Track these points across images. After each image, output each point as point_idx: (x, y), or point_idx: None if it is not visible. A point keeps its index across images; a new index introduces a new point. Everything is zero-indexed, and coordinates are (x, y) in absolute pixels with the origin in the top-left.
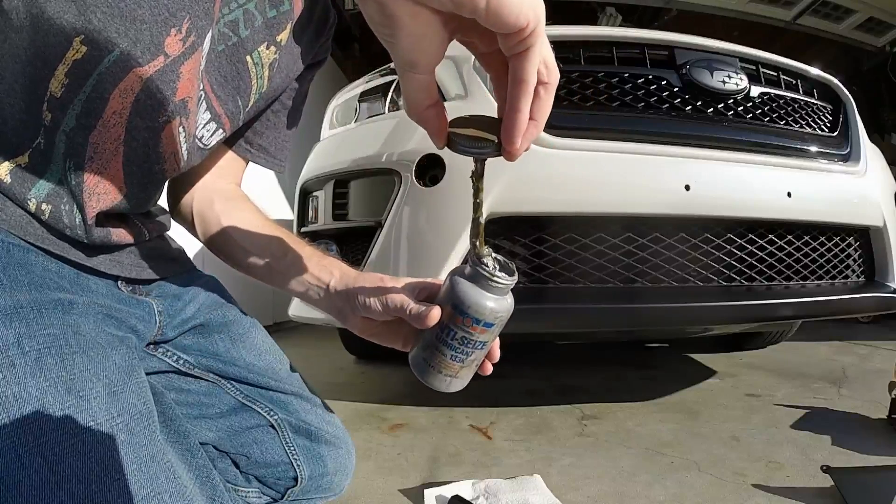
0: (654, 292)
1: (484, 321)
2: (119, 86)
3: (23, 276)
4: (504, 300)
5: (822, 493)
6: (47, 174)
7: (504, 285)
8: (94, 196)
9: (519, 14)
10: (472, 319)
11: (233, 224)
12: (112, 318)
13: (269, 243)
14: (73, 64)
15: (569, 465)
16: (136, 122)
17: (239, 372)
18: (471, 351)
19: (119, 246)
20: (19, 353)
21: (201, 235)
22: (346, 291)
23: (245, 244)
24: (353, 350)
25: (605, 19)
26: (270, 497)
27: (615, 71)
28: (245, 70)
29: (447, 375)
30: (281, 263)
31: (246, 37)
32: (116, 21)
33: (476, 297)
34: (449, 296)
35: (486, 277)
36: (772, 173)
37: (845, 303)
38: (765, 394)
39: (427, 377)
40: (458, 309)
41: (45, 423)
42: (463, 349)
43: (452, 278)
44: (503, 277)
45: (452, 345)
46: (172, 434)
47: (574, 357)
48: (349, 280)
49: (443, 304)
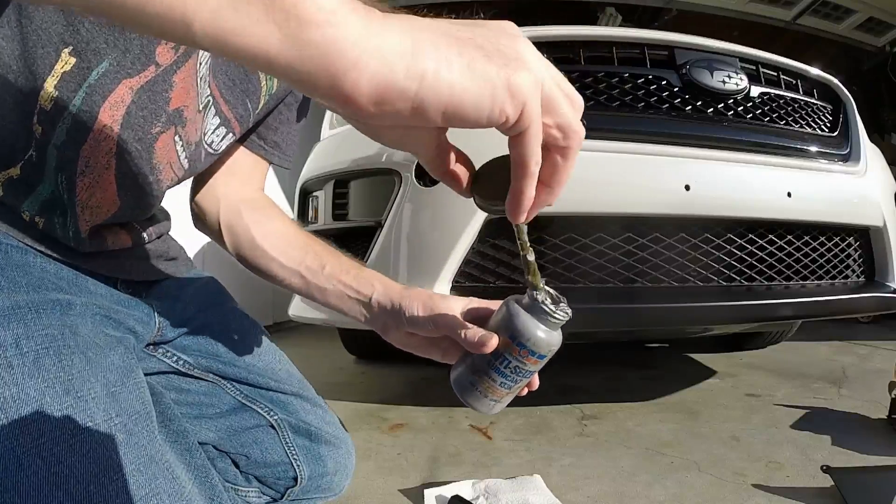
0: (654, 292)
1: (539, 353)
2: (109, 98)
3: (21, 277)
4: (558, 334)
5: (822, 493)
6: (40, 187)
7: (561, 320)
8: (87, 209)
9: (491, 111)
10: (528, 351)
11: (265, 236)
12: (110, 320)
13: (305, 256)
14: (62, 76)
15: (569, 465)
16: (128, 135)
17: (239, 372)
18: (520, 379)
19: (117, 251)
20: (17, 354)
21: (231, 248)
22: (391, 305)
23: (279, 257)
24: (353, 350)
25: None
26: (270, 497)
27: (615, 71)
28: (254, 72)
29: (492, 400)
30: (319, 277)
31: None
32: (105, 31)
33: (535, 330)
34: (506, 325)
35: (546, 313)
36: (772, 173)
37: (845, 303)
38: (765, 394)
39: (470, 399)
40: (516, 340)
41: (43, 424)
42: (513, 377)
43: (510, 307)
44: (562, 313)
45: (504, 372)
46: (171, 434)
47: (574, 357)
48: (394, 294)
49: (498, 332)
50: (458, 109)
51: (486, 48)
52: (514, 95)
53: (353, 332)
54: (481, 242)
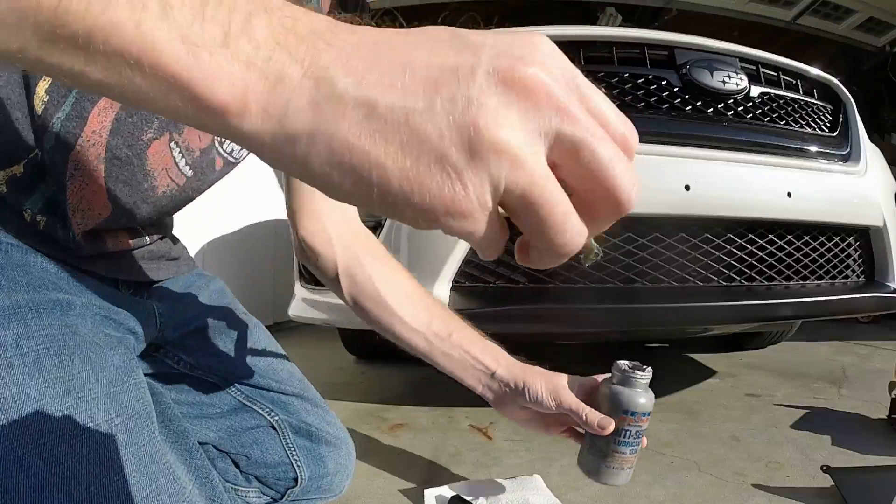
0: (654, 292)
1: (648, 412)
2: (98, 104)
3: (21, 276)
4: (650, 391)
5: (822, 493)
6: (41, 187)
7: (648, 380)
8: (78, 213)
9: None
10: (641, 415)
11: (390, 292)
12: (110, 320)
13: (432, 320)
14: (53, 80)
15: (569, 465)
16: (118, 141)
17: (239, 372)
18: (640, 439)
19: (117, 252)
20: (17, 354)
21: (349, 297)
22: (514, 384)
23: (405, 317)
24: (353, 350)
25: (605, 19)
26: (270, 497)
27: (615, 71)
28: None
29: (627, 468)
30: (445, 344)
31: None
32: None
33: (638, 399)
34: (615, 405)
35: (638, 379)
36: (772, 173)
37: (845, 303)
38: (765, 394)
39: (607, 478)
40: (629, 412)
41: (43, 425)
42: (636, 441)
43: (611, 389)
44: (648, 374)
45: (629, 442)
46: (172, 434)
47: (574, 357)
48: (517, 371)
49: (612, 414)
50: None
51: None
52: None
53: (353, 332)
54: None
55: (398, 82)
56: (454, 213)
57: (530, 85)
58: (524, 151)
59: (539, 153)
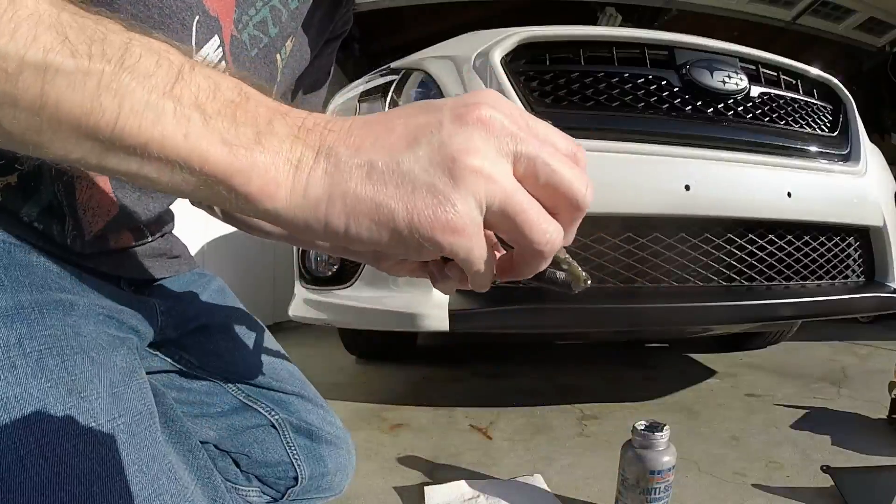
0: (654, 292)
1: (672, 467)
2: None
3: (24, 276)
4: (672, 446)
5: (822, 493)
6: (36, 196)
7: (667, 438)
8: (88, 211)
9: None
10: (666, 471)
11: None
12: (113, 319)
13: None
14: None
15: (569, 465)
16: None
17: (240, 371)
18: (669, 492)
19: (119, 249)
20: (20, 355)
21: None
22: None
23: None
24: (353, 350)
25: (605, 19)
26: (271, 496)
27: (615, 71)
28: (275, 69)
29: None
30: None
31: (275, 35)
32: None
33: (663, 458)
34: (641, 467)
35: (661, 441)
36: (772, 173)
37: (845, 303)
38: (765, 394)
39: None
40: (657, 472)
41: (46, 425)
42: (666, 494)
43: (635, 454)
44: (666, 435)
45: (660, 498)
46: (174, 434)
47: (574, 357)
48: None
49: (640, 476)
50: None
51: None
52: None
53: (353, 332)
54: None
55: (387, 144)
56: (451, 229)
57: (484, 119)
58: (494, 169)
59: (506, 170)
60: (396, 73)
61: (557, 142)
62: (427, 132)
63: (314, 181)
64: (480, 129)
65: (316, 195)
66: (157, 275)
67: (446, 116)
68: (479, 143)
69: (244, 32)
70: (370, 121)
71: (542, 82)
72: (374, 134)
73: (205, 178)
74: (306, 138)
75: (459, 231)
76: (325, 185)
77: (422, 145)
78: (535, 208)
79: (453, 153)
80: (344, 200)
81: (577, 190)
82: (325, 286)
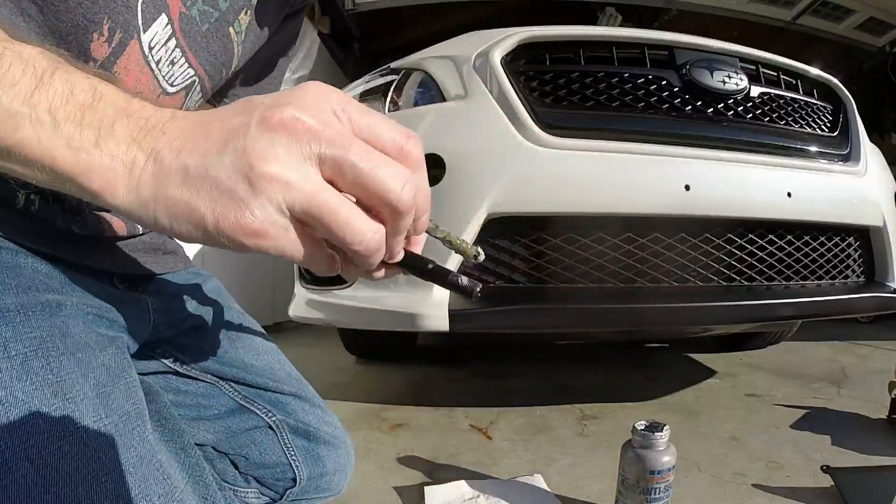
0: (654, 292)
1: (672, 466)
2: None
3: (10, 279)
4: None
5: (822, 493)
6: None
7: (667, 438)
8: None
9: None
10: (666, 471)
11: None
12: (103, 318)
13: None
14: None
15: (569, 465)
16: None
17: (237, 372)
18: (669, 492)
19: (113, 238)
20: (5, 358)
21: None
22: None
23: None
24: (353, 350)
25: (605, 19)
26: (269, 497)
27: (615, 71)
28: (230, 42)
29: None
30: None
31: (226, 9)
32: (39, 38)
33: (661, 458)
34: (640, 468)
35: (657, 440)
36: (772, 173)
37: (845, 303)
38: (765, 394)
39: None
40: (657, 472)
41: (31, 427)
42: (666, 494)
43: (635, 453)
44: (666, 435)
45: (660, 497)
46: (166, 433)
47: (574, 357)
48: None
49: (640, 475)
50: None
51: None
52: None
53: (353, 332)
54: (481, 242)
55: (202, 148)
56: (252, 233)
57: (287, 123)
58: (292, 175)
59: (308, 174)
60: (396, 73)
61: (382, 135)
62: (235, 137)
63: (144, 182)
64: (282, 133)
65: (145, 195)
66: (152, 270)
67: (254, 120)
68: (280, 148)
69: (193, 8)
70: (198, 121)
71: (543, 82)
72: (194, 137)
73: (57, 176)
74: (142, 141)
75: (262, 235)
76: (152, 187)
77: (228, 151)
78: (344, 209)
79: (251, 161)
80: (165, 202)
81: (390, 189)
82: (325, 286)
